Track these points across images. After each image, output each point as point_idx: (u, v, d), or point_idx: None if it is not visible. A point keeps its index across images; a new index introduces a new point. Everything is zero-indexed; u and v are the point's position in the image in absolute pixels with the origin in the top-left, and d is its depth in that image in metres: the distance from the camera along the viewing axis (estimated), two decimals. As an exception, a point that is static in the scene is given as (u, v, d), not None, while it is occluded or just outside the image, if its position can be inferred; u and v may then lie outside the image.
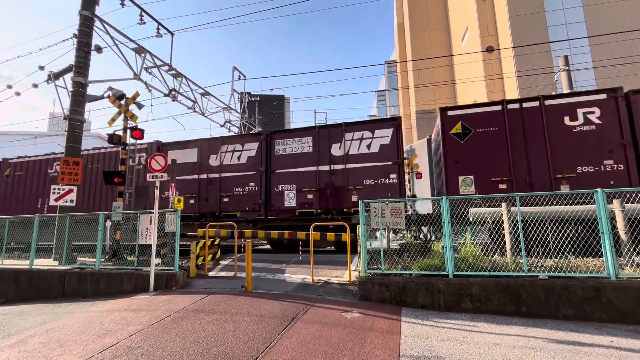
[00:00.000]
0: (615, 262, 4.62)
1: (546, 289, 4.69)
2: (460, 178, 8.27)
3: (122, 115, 9.55)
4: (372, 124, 10.30)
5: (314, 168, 10.23)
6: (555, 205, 6.44)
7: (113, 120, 9.71)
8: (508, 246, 5.59)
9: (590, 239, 5.34)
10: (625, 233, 5.03)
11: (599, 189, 4.87)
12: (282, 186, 10.45)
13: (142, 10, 12.30)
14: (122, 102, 9.60)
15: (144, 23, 12.52)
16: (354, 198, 9.58)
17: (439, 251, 5.75)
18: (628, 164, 7.33)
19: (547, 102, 8.08)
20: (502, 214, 5.89)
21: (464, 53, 27.98)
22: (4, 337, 4.58)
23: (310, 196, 10.15)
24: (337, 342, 3.79)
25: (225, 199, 10.85)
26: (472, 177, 8.21)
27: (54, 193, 8.55)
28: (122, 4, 11.98)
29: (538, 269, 5.08)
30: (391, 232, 6.30)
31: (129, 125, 9.47)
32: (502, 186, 8.00)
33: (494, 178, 8.07)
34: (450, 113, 8.64)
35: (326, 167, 10.13)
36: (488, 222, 6.31)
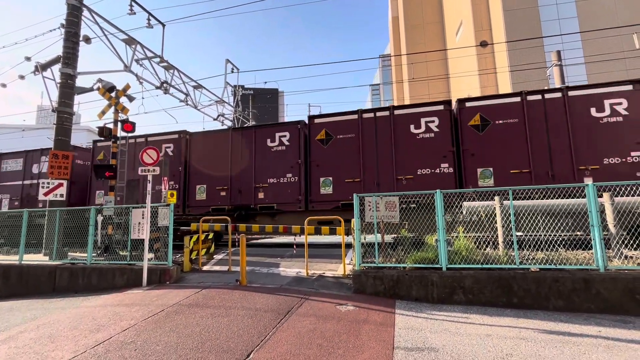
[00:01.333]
0: (604, 254, 4.71)
1: (537, 281, 4.77)
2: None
3: (113, 107, 9.36)
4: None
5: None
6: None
7: (103, 112, 9.51)
8: (500, 239, 5.66)
9: (581, 231, 5.43)
10: (614, 226, 5.13)
11: (589, 183, 4.94)
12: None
13: None
14: (113, 94, 9.41)
15: (134, 13, 12.23)
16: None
17: (433, 244, 5.79)
18: None
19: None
20: (495, 208, 5.95)
21: (458, 47, 28.02)
22: (-6, 333, 4.51)
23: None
24: (332, 335, 3.82)
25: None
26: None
27: (43, 187, 8.39)
28: (111, -7, 11.67)
29: (529, 261, 5.16)
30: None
31: (119, 118, 9.30)
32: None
33: None
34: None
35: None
36: (481, 215, 6.37)
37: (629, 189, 5.05)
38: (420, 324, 4.20)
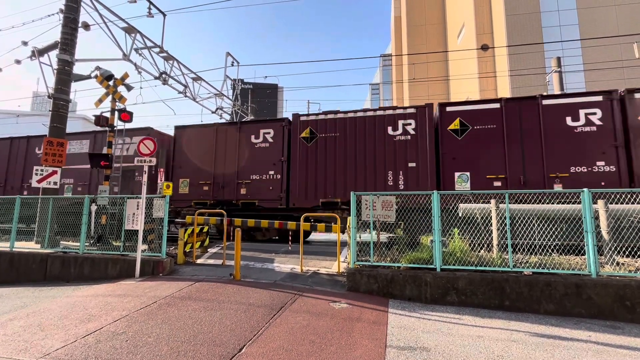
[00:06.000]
0: (596, 260, 4.76)
1: (530, 284, 4.80)
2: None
3: (110, 96, 9.24)
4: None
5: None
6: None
7: (100, 101, 9.38)
8: (495, 242, 5.68)
9: (574, 237, 5.48)
10: (608, 233, 5.17)
11: (585, 189, 4.97)
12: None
13: (133, -13, 11.83)
14: (110, 83, 9.28)
15: (135, 1, 12.07)
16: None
17: (428, 245, 5.81)
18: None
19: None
20: (491, 210, 5.97)
21: (460, 50, 28.05)
22: (-18, 320, 4.45)
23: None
24: (324, 332, 3.82)
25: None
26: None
27: (36, 174, 8.27)
28: (112, -20, 11.49)
29: (523, 265, 5.20)
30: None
31: (117, 107, 9.18)
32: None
33: None
34: None
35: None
36: (477, 218, 6.40)
37: (622, 196, 5.10)
38: (413, 323, 4.21)
